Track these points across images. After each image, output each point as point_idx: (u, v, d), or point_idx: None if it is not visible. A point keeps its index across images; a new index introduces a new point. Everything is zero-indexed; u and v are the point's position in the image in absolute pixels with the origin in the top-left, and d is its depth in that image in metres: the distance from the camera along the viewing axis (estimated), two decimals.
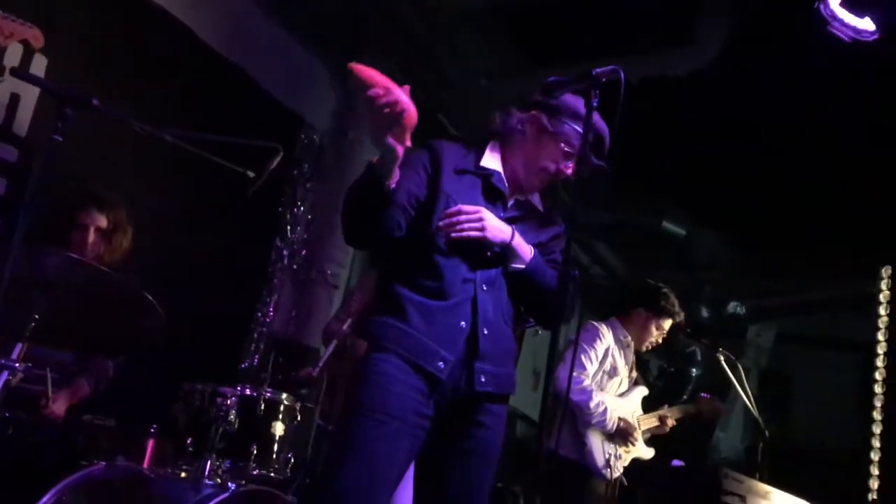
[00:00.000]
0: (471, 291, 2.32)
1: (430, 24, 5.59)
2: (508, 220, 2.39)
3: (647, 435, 4.50)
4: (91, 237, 3.35)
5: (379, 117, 2.06)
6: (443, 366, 2.24)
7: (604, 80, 2.09)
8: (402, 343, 2.23)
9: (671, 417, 4.52)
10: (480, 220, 2.28)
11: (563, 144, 2.41)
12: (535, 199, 2.55)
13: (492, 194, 2.44)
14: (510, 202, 2.48)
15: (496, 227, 2.31)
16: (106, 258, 3.36)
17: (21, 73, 2.51)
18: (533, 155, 2.44)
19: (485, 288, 2.34)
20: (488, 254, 2.34)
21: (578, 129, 2.36)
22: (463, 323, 2.29)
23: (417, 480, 2.36)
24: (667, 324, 4.49)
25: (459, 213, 2.27)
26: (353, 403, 2.20)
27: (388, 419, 2.16)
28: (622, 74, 2.07)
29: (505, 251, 2.35)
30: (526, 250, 2.38)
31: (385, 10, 5.42)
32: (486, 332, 2.31)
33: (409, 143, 2.18)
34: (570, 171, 2.43)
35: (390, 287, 2.32)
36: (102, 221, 3.39)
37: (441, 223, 2.27)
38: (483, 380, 2.29)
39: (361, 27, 5.57)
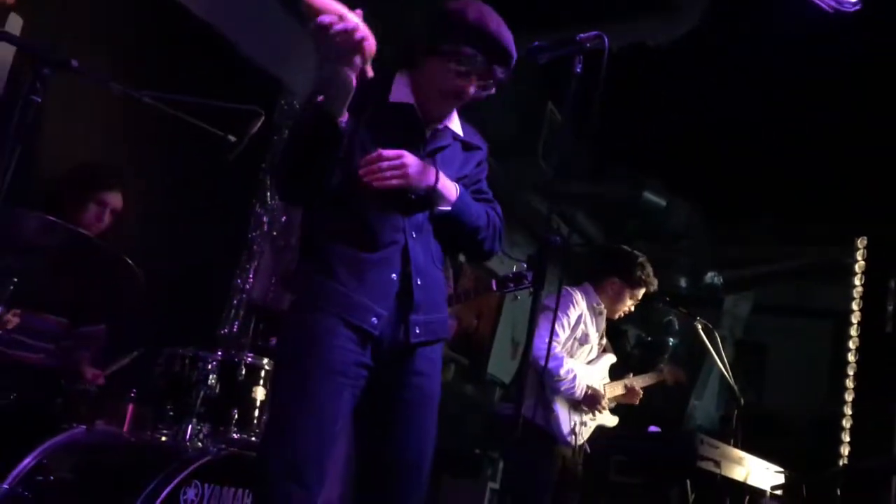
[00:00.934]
0: (401, 240, 2.23)
1: None
2: (430, 154, 2.29)
3: (614, 403, 4.51)
4: (107, 216, 3.39)
5: (331, 48, 1.93)
6: (376, 321, 2.17)
7: (588, 45, 2.08)
8: (333, 300, 2.15)
9: (638, 386, 4.54)
10: (403, 165, 2.14)
11: (452, 64, 2.21)
12: (454, 124, 2.38)
13: (408, 128, 2.29)
14: (427, 133, 2.32)
15: (419, 172, 2.17)
16: (108, 236, 3.39)
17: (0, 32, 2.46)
18: (429, 79, 2.26)
19: (414, 235, 2.25)
20: (412, 197, 2.21)
21: (466, 49, 2.19)
22: (394, 275, 2.21)
23: (360, 434, 2.31)
24: (641, 293, 4.48)
25: (380, 158, 2.13)
26: (296, 361, 2.15)
27: (332, 375, 2.11)
28: (606, 41, 2.06)
29: (430, 194, 2.22)
30: (451, 190, 2.26)
31: None
32: (419, 282, 2.24)
33: (371, 74, 2.04)
34: (473, 90, 2.24)
35: (315, 241, 2.23)
36: (119, 203, 3.45)
37: (361, 171, 2.12)
38: (418, 331, 2.24)
39: None
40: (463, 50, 2.19)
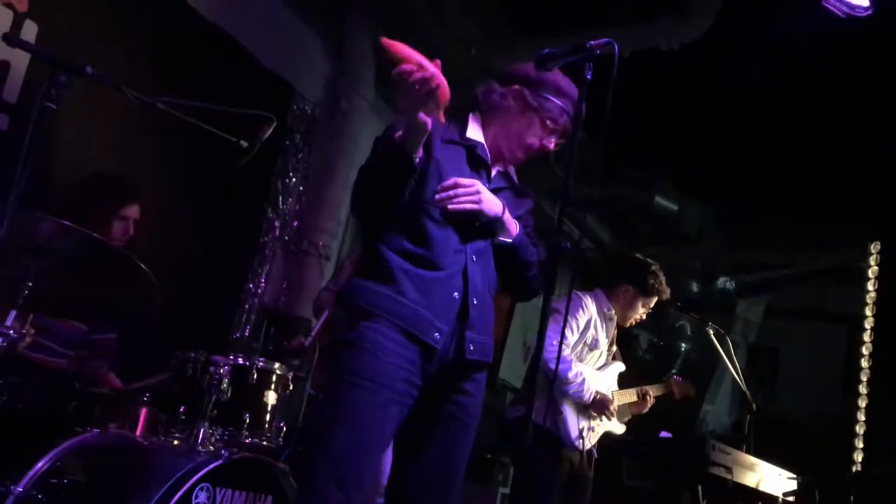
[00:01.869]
0: (462, 262, 2.35)
1: None
2: (492, 192, 2.42)
3: (628, 415, 4.52)
4: (131, 229, 3.47)
5: (410, 94, 2.07)
6: (439, 336, 2.27)
7: (598, 52, 2.10)
8: (396, 313, 2.24)
9: (652, 395, 4.54)
10: (477, 192, 2.30)
11: (548, 122, 2.46)
12: (512, 171, 2.59)
13: (477, 165, 2.46)
14: (493, 173, 2.50)
15: (490, 201, 2.35)
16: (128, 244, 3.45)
17: (14, 38, 2.47)
18: (517, 130, 2.48)
19: (475, 259, 2.38)
20: (476, 224, 2.37)
21: (561, 104, 2.45)
22: (456, 294, 2.32)
23: (398, 446, 2.39)
24: (653, 301, 4.48)
25: (457, 185, 2.29)
26: (347, 371, 2.21)
27: (380, 388, 2.18)
28: (616, 47, 2.07)
29: (494, 224, 2.39)
30: (513, 225, 2.43)
31: None
32: (475, 302, 2.35)
33: (443, 119, 2.22)
34: (552, 147, 2.49)
35: (381, 255, 2.31)
36: (138, 214, 3.52)
37: (438, 196, 2.29)
38: (472, 349, 2.34)
39: None
40: (557, 110, 2.46)
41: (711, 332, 4.74)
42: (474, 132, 2.50)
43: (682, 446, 4.44)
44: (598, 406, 4.19)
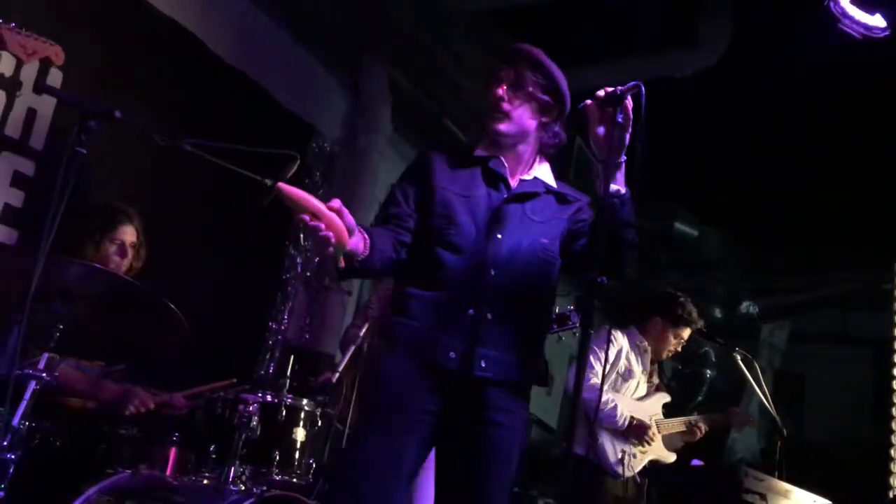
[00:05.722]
0: (478, 277, 2.32)
1: (433, 29, 5.63)
2: (513, 198, 2.42)
3: (681, 443, 4.55)
4: (128, 252, 3.40)
5: (313, 237, 2.07)
6: (454, 355, 2.26)
7: (627, 97, 2.17)
8: (409, 339, 2.29)
9: (703, 425, 4.56)
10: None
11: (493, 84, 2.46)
12: (545, 175, 2.52)
13: (491, 177, 2.44)
14: (514, 183, 2.46)
15: None
16: (132, 271, 3.41)
17: (46, 87, 2.54)
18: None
19: (493, 273, 2.32)
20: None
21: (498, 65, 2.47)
22: (470, 311, 2.29)
23: (437, 481, 2.37)
24: (685, 333, 4.53)
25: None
26: (362, 403, 2.36)
27: (392, 416, 2.24)
28: (643, 89, 2.13)
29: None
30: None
31: (389, 17, 5.49)
32: (489, 317, 2.30)
33: (350, 246, 2.13)
34: (500, 92, 2.43)
35: (398, 287, 2.41)
36: (134, 237, 3.45)
37: None
38: (483, 365, 2.27)
39: (366, 35, 5.62)
40: (495, 68, 2.47)
41: (739, 357, 4.71)
42: (486, 149, 2.50)
43: (715, 474, 4.41)
44: (637, 432, 4.23)
